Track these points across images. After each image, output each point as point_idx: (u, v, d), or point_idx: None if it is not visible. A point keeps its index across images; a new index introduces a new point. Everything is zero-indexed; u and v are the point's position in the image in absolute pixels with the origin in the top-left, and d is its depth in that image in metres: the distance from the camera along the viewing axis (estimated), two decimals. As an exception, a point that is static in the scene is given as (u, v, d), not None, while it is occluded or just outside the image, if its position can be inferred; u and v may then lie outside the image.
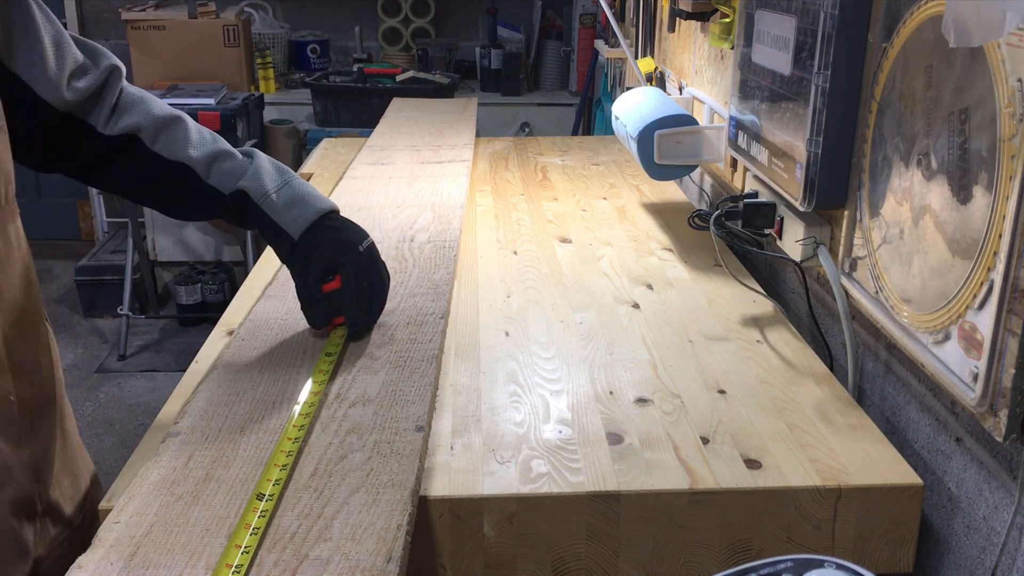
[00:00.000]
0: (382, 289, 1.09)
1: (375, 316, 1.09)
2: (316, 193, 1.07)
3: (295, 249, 1.04)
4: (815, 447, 0.93)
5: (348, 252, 1.03)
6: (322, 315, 1.06)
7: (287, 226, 1.03)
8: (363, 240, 1.06)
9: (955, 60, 0.84)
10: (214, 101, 3.39)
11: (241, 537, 0.73)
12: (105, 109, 0.99)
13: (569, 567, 0.87)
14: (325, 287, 1.04)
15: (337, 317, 1.06)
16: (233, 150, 1.07)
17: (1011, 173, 0.75)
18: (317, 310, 1.05)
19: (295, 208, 1.04)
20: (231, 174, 1.04)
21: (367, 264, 1.05)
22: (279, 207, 1.04)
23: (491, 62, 4.01)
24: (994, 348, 0.78)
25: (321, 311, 1.05)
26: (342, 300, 1.05)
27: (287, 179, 1.06)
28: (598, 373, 1.08)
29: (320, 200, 1.06)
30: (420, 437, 0.88)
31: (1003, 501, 0.84)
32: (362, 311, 1.06)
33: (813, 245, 1.17)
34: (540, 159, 2.09)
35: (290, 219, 1.03)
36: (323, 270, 1.03)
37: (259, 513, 0.76)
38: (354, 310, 1.05)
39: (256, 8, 4.14)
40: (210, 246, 3.80)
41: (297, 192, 1.05)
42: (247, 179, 1.03)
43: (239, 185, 1.03)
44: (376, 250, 1.07)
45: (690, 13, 1.71)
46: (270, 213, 1.04)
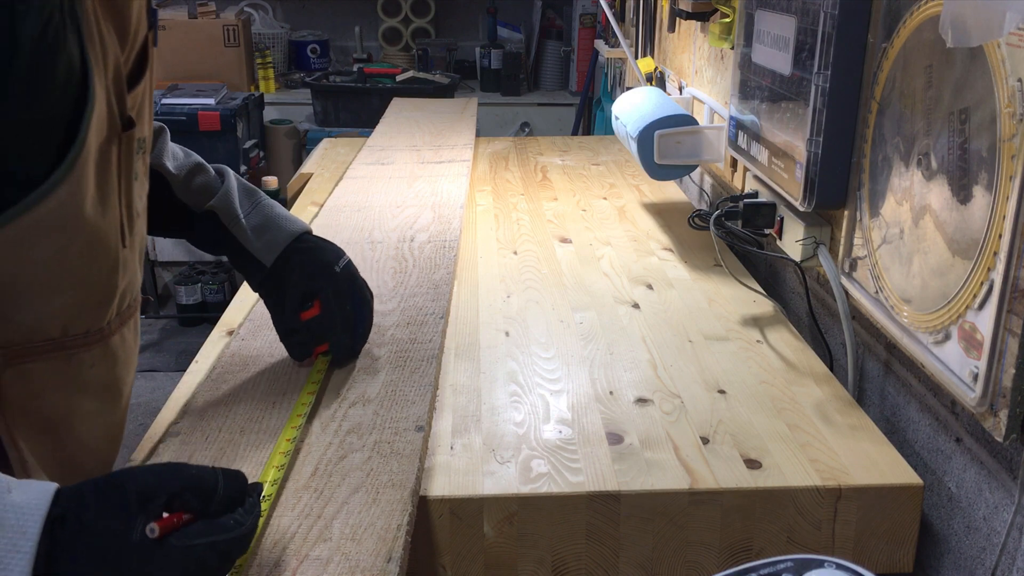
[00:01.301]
0: (366, 309, 1.01)
1: (362, 339, 1.03)
2: (286, 214, 1.01)
3: (268, 277, 0.98)
4: (815, 447, 0.93)
5: (325, 275, 0.97)
6: (302, 346, 1.00)
7: (258, 253, 0.97)
8: (339, 259, 0.99)
9: (955, 60, 0.84)
10: (214, 101, 3.39)
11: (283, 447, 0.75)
12: None
13: (569, 567, 0.87)
14: (304, 315, 0.97)
15: (319, 346, 1.00)
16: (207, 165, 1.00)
17: (1011, 173, 0.75)
18: (297, 341, 0.99)
19: (266, 233, 0.97)
20: (203, 190, 0.98)
21: (347, 285, 0.98)
22: (248, 233, 0.97)
23: (491, 62, 4.01)
24: (994, 348, 0.78)
25: (301, 342, 1.00)
26: (324, 327, 0.98)
27: (256, 201, 1.00)
28: (598, 373, 1.08)
29: (291, 222, 1.00)
30: (420, 437, 0.88)
31: (1003, 501, 0.84)
32: (347, 335, 1.00)
33: (813, 245, 1.17)
34: (540, 159, 2.09)
35: (261, 246, 0.97)
36: (299, 297, 0.97)
37: None
38: (339, 335, 0.99)
39: (256, 8, 4.14)
40: (210, 246, 3.80)
41: (266, 215, 0.99)
42: (217, 199, 0.97)
43: (209, 204, 0.97)
44: (354, 268, 1.01)
45: (690, 13, 1.71)
46: (240, 239, 0.97)
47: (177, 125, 3.28)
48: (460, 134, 2.14)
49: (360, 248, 1.38)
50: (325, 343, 1.00)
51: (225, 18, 3.81)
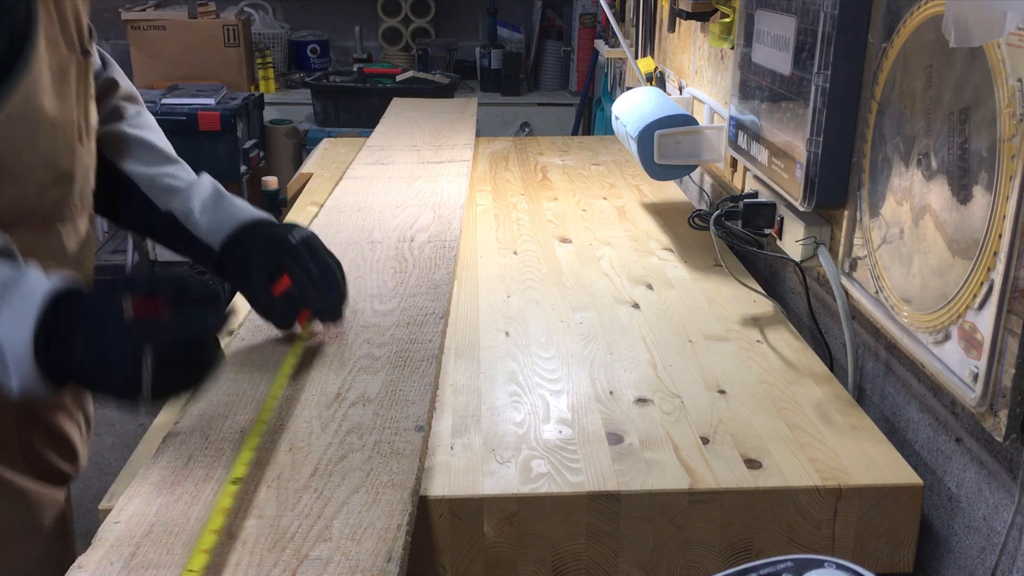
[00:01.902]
0: (331, 271, 1.02)
1: (339, 298, 1.04)
2: (245, 208, 1.04)
3: (221, 263, 1.01)
4: (815, 447, 0.93)
5: (282, 249, 0.99)
6: (283, 317, 1.03)
7: (208, 239, 1.01)
8: (294, 232, 1.01)
9: (955, 60, 0.84)
10: (214, 101, 3.39)
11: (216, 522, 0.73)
12: None
13: (569, 567, 0.87)
14: (275, 289, 0.99)
15: (302, 312, 1.03)
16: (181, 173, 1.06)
17: (1011, 173, 0.75)
18: (277, 314, 1.03)
19: (216, 222, 1.01)
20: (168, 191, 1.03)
21: (306, 254, 1.00)
22: (202, 224, 1.02)
23: (491, 62, 4.01)
24: (994, 348, 0.78)
25: (281, 314, 1.03)
26: (298, 296, 1.00)
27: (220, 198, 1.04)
28: (598, 373, 1.08)
29: (246, 211, 1.04)
30: (420, 437, 0.88)
31: (1003, 501, 0.84)
32: (324, 299, 1.02)
33: (813, 245, 1.17)
34: (540, 159, 2.09)
35: (210, 232, 1.01)
36: (264, 275, 0.99)
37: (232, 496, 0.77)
38: (314, 299, 1.01)
39: (256, 8, 4.14)
40: (210, 246, 3.80)
41: (224, 208, 1.03)
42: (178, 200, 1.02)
43: (169, 206, 1.02)
44: (315, 240, 1.03)
45: (690, 13, 1.71)
46: (191, 229, 1.02)
47: (177, 125, 3.28)
48: (460, 134, 2.14)
49: (360, 248, 1.38)
50: (304, 311, 1.03)
51: (225, 18, 3.81)
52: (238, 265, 1.00)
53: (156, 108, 3.29)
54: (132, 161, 1.04)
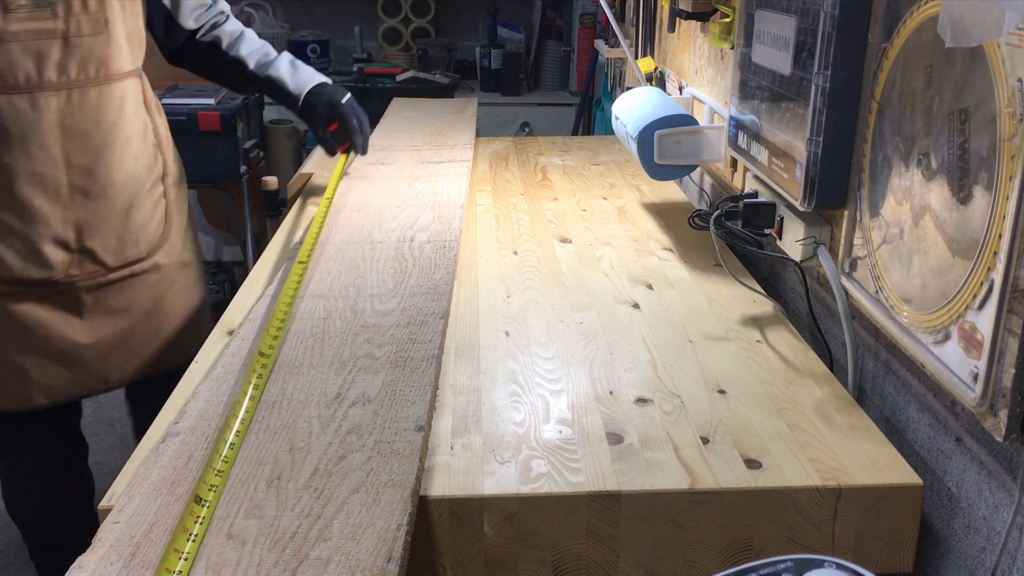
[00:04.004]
0: (365, 125, 1.72)
1: (367, 139, 1.73)
2: (312, 72, 1.75)
3: (300, 107, 1.70)
4: (815, 447, 0.93)
5: (336, 106, 1.68)
6: (330, 146, 1.71)
7: (294, 90, 1.70)
8: (345, 95, 1.70)
9: (955, 60, 0.84)
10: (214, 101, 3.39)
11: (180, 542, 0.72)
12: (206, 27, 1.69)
13: (569, 567, 0.87)
14: (329, 129, 1.68)
15: (341, 145, 1.70)
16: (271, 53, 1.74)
17: (1011, 173, 0.75)
18: (327, 144, 1.70)
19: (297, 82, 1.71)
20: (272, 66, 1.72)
21: (351, 109, 1.70)
22: (290, 83, 1.71)
23: (491, 62, 4.00)
24: (994, 348, 0.78)
25: (329, 144, 1.71)
26: (343, 135, 1.69)
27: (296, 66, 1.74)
28: (598, 373, 1.08)
29: (315, 76, 1.74)
30: (420, 437, 0.88)
31: (1003, 501, 0.84)
32: (357, 139, 1.69)
33: (813, 245, 1.17)
34: (540, 159, 2.09)
35: (294, 87, 1.70)
36: (324, 120, 1.68)
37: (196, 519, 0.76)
38: (354, 137, 1.69)
39: (256, 8, 4.14)
40: (210, 246, 3.80)
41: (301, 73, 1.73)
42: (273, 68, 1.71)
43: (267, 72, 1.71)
44: (354, 101, 1.73)
45: (690, 13, 1.71)
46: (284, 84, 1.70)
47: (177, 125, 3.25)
48: (460, 134, 2.14)
49: (360, 248, 1.38)
50: (346, 143, 1.70)
51: (225, 18, 3.80)
52: (310, 112, 1.69)
53: (156, 108, 3.28)
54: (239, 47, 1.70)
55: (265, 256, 1.46)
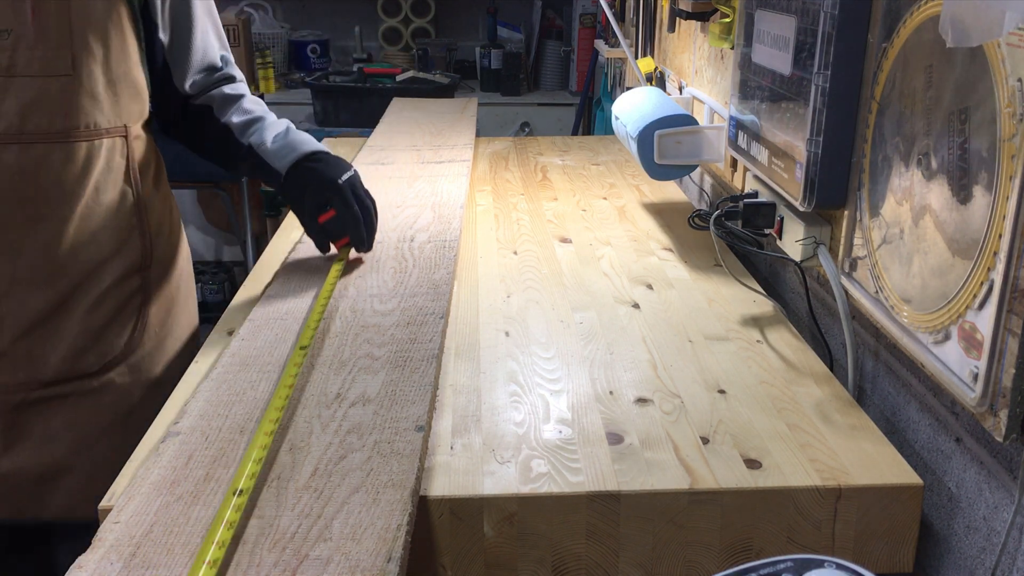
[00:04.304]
0: (369, 211, 1.28)
1: (371, 233, 1.29)
2: (305, 139, 1.30)
3: (284, 186, 1.28)
4: (815, 447, 0.93)
5: (332, 188, 1.24)
6: (322, 243, 1.29)
7: (275, 164, 1.27)
8: (343, 174, 1.26)
9: (955, 60, 0.84)
10: (214, 101, 3.39)
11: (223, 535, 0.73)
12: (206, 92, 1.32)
13: (569, 567, 0.87)
14: (321, 218, 1.25)
15: (340, 240, 1.28)
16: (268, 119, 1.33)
17: (1011, 173, 0.75)
18: (316, 239, 1.29)
19: (282, 151, 1.28)
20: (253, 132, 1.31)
21: (350, 194, 1.25)
22: (271, 152, 1.28)
23: (491, 62, 4.01)
24: (994, 348, 0.78)
25: (320, 239, 1.29)
26: (340, 227, 1.26)
27: (288, 129, 1.32)
28: (598, 373, 1.08)
29: (306, 144, 1.29)
30: (420, 437, 0.88)
31: (1003, 501, 0.84)
32: (359, 231, 1.26)
33: (813, 245, 1.17)
34: (540, 159, 2.09)
35: (277, 159, 1.27)
36: (315, 205, 1.25)
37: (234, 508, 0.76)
38: (353, 231, 1.26)
39: (256, 8, 4.14)
40: (210, 246, 3.80)
41: (289, 139, 1.30)
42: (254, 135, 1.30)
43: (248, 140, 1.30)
44: (357, 180, 1.28)
45: (690, 13, 1.71)
46: (264, 157, 1.28)
47: (177, 125, 3.28)
48: (460, 134, 2.14)
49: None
50: (343, 238, 1.28)
51: (225, 18, 3.81)
52: (296, 192, 1.27)
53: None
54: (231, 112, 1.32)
55: (265, 256, 1.46)
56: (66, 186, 1.13)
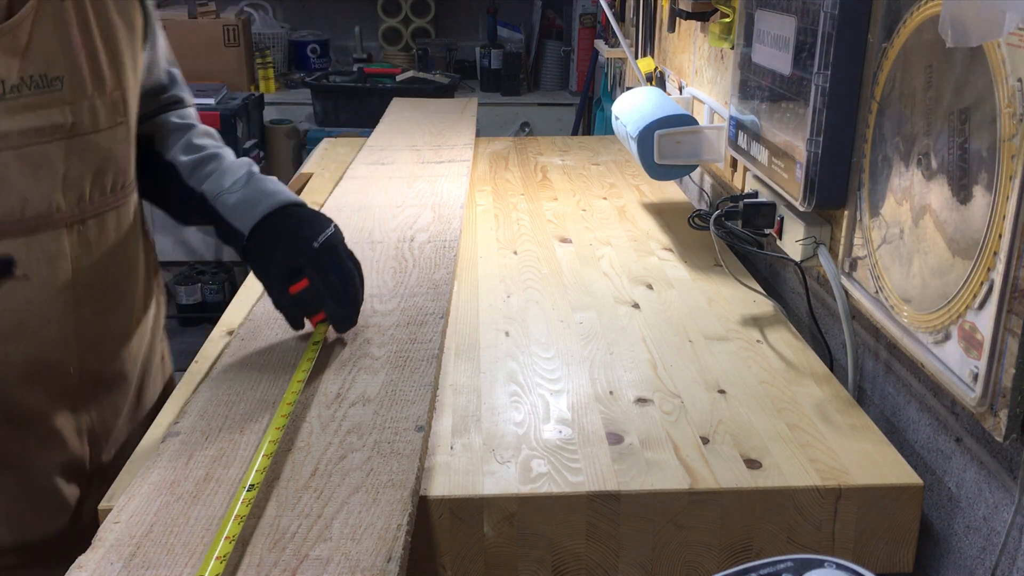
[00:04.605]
0: (351, 280, 1.03)
1: (354, 308, 1.05)
2: (273, 189, 1.05)
3: (248, 249, 1.02)
4: (815, 447, 0.93)
5: (304, 252, 0.99)
6: (294, 318, 1.04)
7: (236, 222, 1.02)
8: (320, 234, 1.01)
9: (955, 60, 0.84)
10: (214, 101, 3.39)
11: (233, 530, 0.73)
12: None
13: (569, 567, 0.87)
14: (293, 289, 1.00)
15: (316, 315, 1.04)
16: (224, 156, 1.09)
17: (1011, 173, 0.75)
18: (288, 314, 1.04)
19: (245, 205, 1.03)
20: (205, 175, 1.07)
21: (328, 260, 1.00)
22: (230, 205, 1.03)
23: (491, 62, 4.01)
24: (994, 348, 0.78)
25: (292, 314, 1.04)
26: (314, 299, 1.02)
27: (251, 178, 1.06)
28: (598, 373, 1.08)
29: (275, 195, 1.03)
30: (420, 437, 0.88)
31: (1003, 501, 0.84)
32: (339, 306, 1.02)
33: (813, 245, 1.17)
34: (540, 159, 2.09)
35: (239, 216, 1.02)
36: (284, 274, 1.00)
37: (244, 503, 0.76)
38: (330, 306, 1.02)
39: (256, 8, 4.14)
40: (210, 246, 3.80)
41: (253, 190, 1.04)
42: (209, 182, 1.06)
43: (201, 187, 1.06)
44: (337, 240, 1.03)
45: (690, 13, 1.71)
46: (220, 211, 1.04)
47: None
48: (460, 134, 2.14)
49: (360, 248, 1.37)
50: (319, 313, 1.04)
51: (225, 18, 3.81)
52: (260, 255, 1.02)
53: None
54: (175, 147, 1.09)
55: (265, 256, 1.46)
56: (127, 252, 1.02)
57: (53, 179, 0.89)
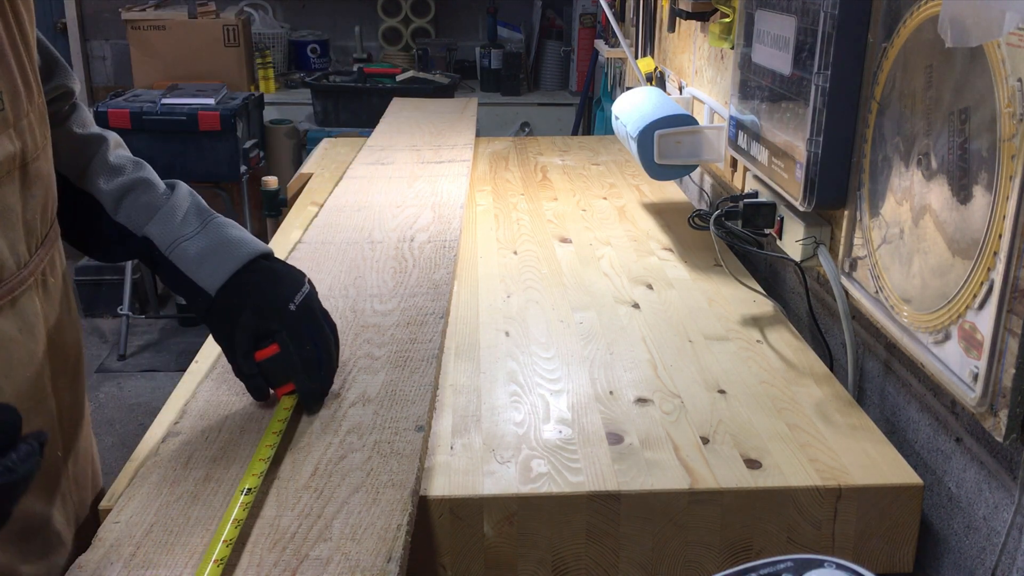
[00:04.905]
0: (327, 348, 0.91)
1: (328, 380, 0.93)
2: (240, 237, 0.90)
3: (212, 310, 0.88)
4: (815, 447, 0.93)
5: (277, 315, 0.86)
6: (259, 389, 0.90)
7: (201, 280, 0.87)
8: (295, 293, 0.88)
9: (955, 60, 0.84)
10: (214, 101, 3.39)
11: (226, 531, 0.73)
12: None
13: (569, 567, 0.87)
14: (259, 355, 0.87)
15: (283, 385, 0.90)
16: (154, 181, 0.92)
17: (1011, 173, 0.75)
18: (252, 385, 0.90)
19: (211, 258, 0.87)
20: (144, 210, 0.89)
21: (303, 325, 0.88)
22: (191, 257, 0.87)
23: (491, 62, 4.01)
24: (994, 348, 0.78)
25: (257, 385, 0.90)
26: (283, 369, 0.88)
27: (206, 220, 0.90)
28: (598, 373, 1.08)
29: (242, 246, 0.89)
30: (420, 437, 0.88)
31: (1003, 501, 0.84)
32: (311, 379, 0.90)
33: (813, 245, 1.17)
34: (540, 159, 2.09)
35: (204, 272, 0.87)
36: (251, 339, 0.87)
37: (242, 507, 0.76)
38: (301, 379, 0.89)
39: (256, 8, 4.14)
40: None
41: (216, 238, 0.89)
42: (155, 222, 0.88)
43: (146, 230, 0.88)
44: (313, 299, 0.90)
45: (690, 13, 1.71)
46: (180, 265, 0.88)
47: (177, 125, 3.29)
48: (460, 134, 2.14)
49: (360, 248, 1.38)
50: (287, 384, 0.90)
51: (225, 18, 3.81)
52: (223, 315, 0.88)
53: (156, 108, 3.29)
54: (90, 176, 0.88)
55: (265, 256, 1.46)
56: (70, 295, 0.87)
57: (16, 226, 0.73)
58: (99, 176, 0.89)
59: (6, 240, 0.72)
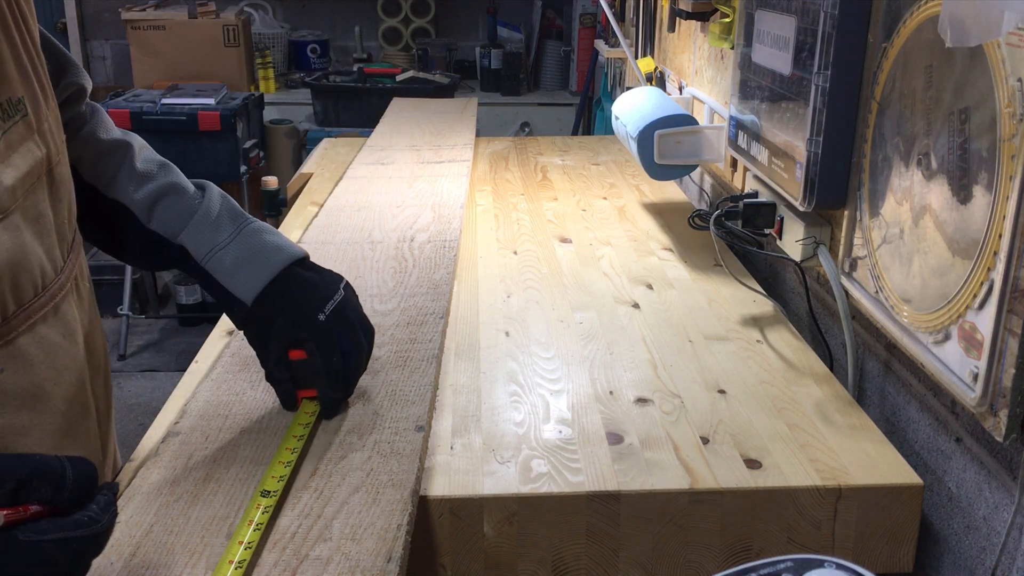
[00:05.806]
0: (358, 355, 0.90)
1: (349, 390, 0.93)
2: (275, 243, 0.89)
3: (250, 318, 0.88)
4: (815, 447, 0.93)
5: (307, 324, 0.86)
6: (288, 395, 0.90)
7: (236, 290, 0.87)
8: (327, 302, 0.88)
9: (955, 60, 0.84)
10: (214, 101, 3.39)
11: (243, 533, 0.73)
12: None
13: (569, 567, 0.87)
14: (293, 354, 0.88)
15: (307, 389, 0.90)
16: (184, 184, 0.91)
17: (1011, 173, 0.75)
18: (280, 391, 0.90)
19: (245, 267, 0.87)
20: (178, 216, 0.89)
21: (334, 334, 0.87)
22: (226, 267, 0.87)
23: (491, 62, 4.01)
24: (994, 348, 0.78)
25: (286, 391, 0.90)
26: (309, 375, 0.88)
27: (241, 226, 0.89)
28: (598, 373, 1.08)
29: (278, 252, 0.88)
30: (420, 437, 0.88)
31: (1003, 501, 0.84)
32: (334, 388, 0.89)
33: (813, 245, 1.17)
34: (540, 159, 2.09)
35: (239, 282, 0.87)
36: (282, 348, 0.87)
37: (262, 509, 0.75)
38: (324, 388, 0.89)
39: (256, 8, 4.14)
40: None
41: (251, 245, 0.88)
42: (190, 230, 0.88)
43: (181, 238, 0.88)
44: (347, 305, 0.89)
45: (690, 13, 1.71)
46: (215, 275, 0.87)
47: (177, 125, 3.29)
48: (460, 134, 2.14)
49: (360, 248, 1.38)
50: (310, 389, 0.90)
51: (225, 18, 3.81)
52: (258, 324, 0.88)
53: (156, 108, 3.30)
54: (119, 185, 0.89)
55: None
56: None
57: (50, 232, 0.75)
58: (128, 184, 0.89)
59: (43, 247, 0.74)
